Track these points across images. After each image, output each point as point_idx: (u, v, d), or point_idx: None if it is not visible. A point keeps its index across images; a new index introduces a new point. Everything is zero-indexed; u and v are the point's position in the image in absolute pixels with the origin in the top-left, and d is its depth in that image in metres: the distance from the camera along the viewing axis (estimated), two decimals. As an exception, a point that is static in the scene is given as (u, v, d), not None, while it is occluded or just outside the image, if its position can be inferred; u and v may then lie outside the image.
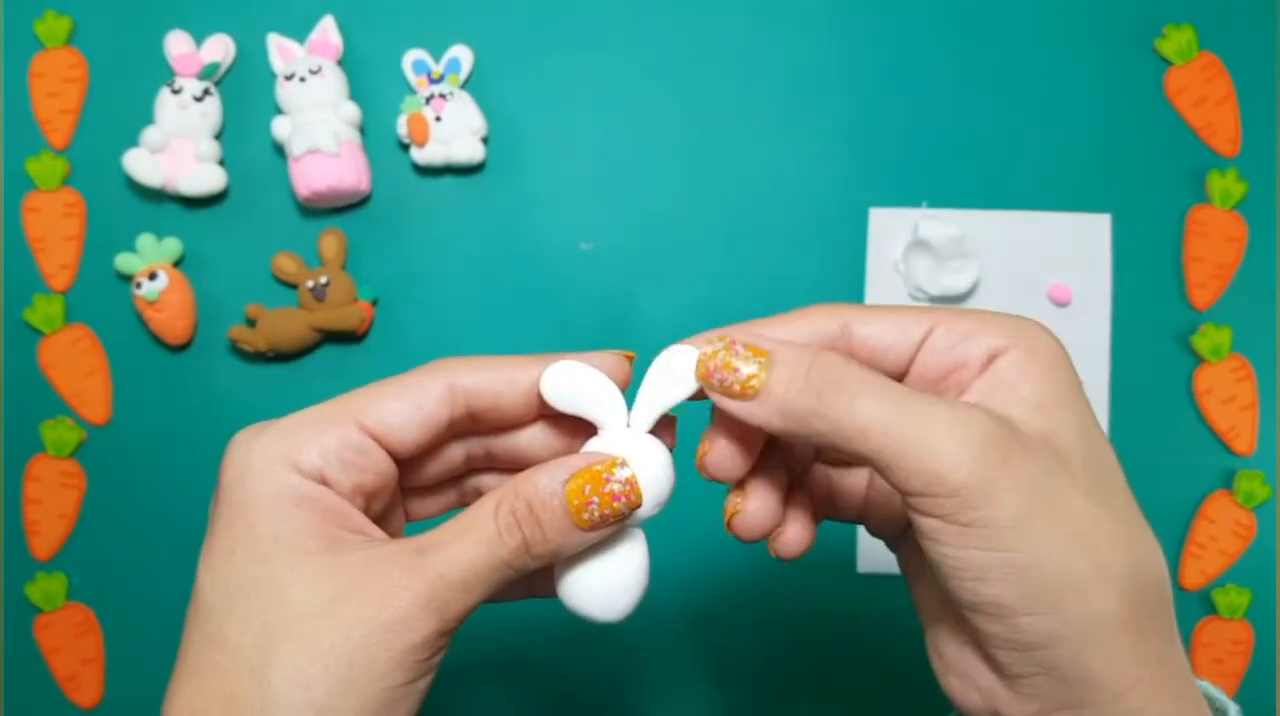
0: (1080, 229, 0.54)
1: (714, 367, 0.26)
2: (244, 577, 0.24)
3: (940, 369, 0.27)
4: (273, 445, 0.26)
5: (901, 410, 0.24)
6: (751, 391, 0.25)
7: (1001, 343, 0.26)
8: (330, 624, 0.24)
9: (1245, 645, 0.53)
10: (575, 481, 0.26)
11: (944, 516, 0.23)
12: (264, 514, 0.25)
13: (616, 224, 0.55)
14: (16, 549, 0.54)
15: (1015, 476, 0.23)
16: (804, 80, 0.55)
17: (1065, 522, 0.23)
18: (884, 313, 0.28)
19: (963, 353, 0.26)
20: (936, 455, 0.23)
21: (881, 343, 0.27)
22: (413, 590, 0.24)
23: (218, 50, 0.54)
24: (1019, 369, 0.26)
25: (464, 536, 0.25)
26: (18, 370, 0.54)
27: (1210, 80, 0.54)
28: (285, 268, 0.53)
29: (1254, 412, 0.53)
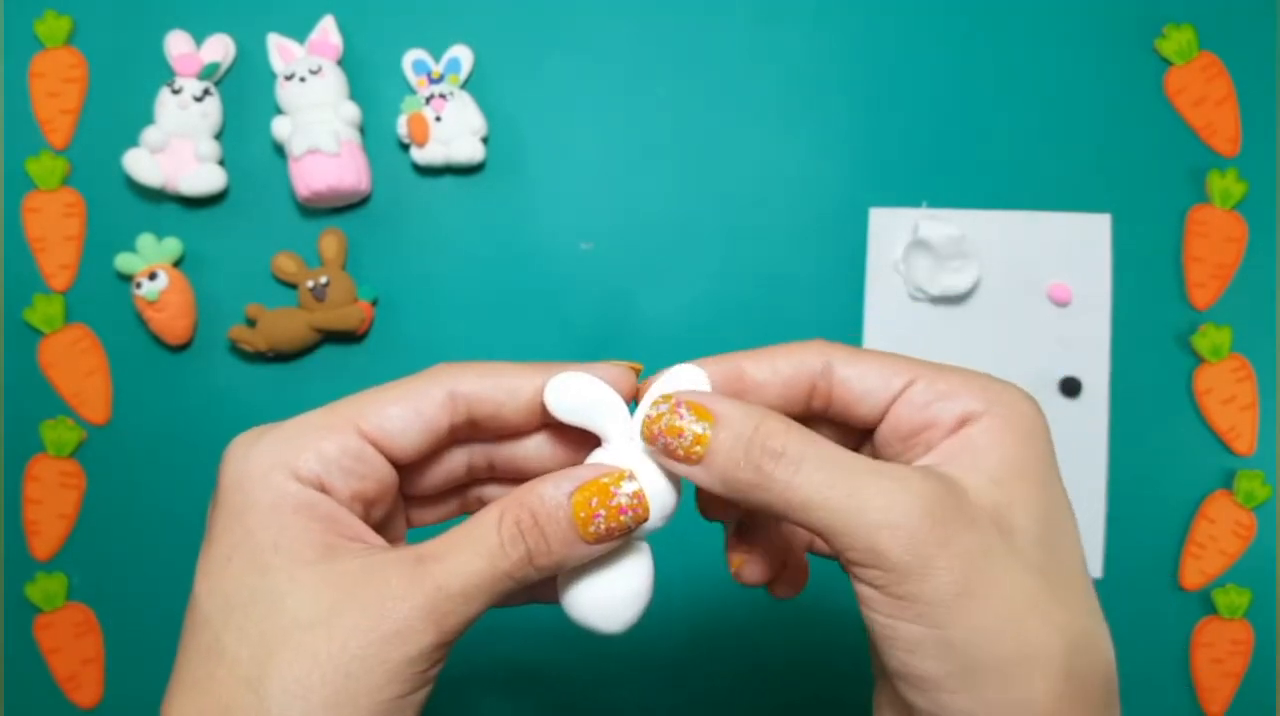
0: (1080, 229, 0.54)
1: (658, 431, 0.25)
2: (241, 587, 0.24)
3: (912, 424, 0.27)
4: (271, 451, 0.25)
5: (842, 482, 0.24)
6: (695, 457, 0.25)
7: (977, 407, 0.26)
8: (328, 634, 0.23)
9: (1245, 645, 0.53)
10: (581, 494, 0.25)
11: (879, 587, 0.24)
12: (262, 521, 0.24)
13: (616, 224, 0.55)
14: (16, 549, 0.54)
15: (952, 553, 0.23)
16: (804, 80, 0.55)
17: (999, 603, 0.23)
18: (869, 358, 0.28)
19: (936, 412, 0.26)
20: (874, 529, 0.23)
21: (860, 387, 0.27)
22: (412, 601, 0.24)
23: (218, 50, 0.54)
24: (988, 437, 0.25)
25: (466, 547, 0.25)
26: (18, 370, 0.54)
27: (1210, 80, 0.54)
28: (285, 268, 0.53)
29: (1254, 413, 0.53)
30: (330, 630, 0.23)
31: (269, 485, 0.25)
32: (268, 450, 0.25)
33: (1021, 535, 0.24)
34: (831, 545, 0.24)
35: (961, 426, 0.26)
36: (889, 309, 0.54)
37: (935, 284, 0.53)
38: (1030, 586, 0.24)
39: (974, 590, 0.23)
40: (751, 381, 0.28)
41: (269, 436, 0.26)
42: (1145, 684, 0.53)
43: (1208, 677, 0.53)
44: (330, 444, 0.26)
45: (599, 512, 0.25)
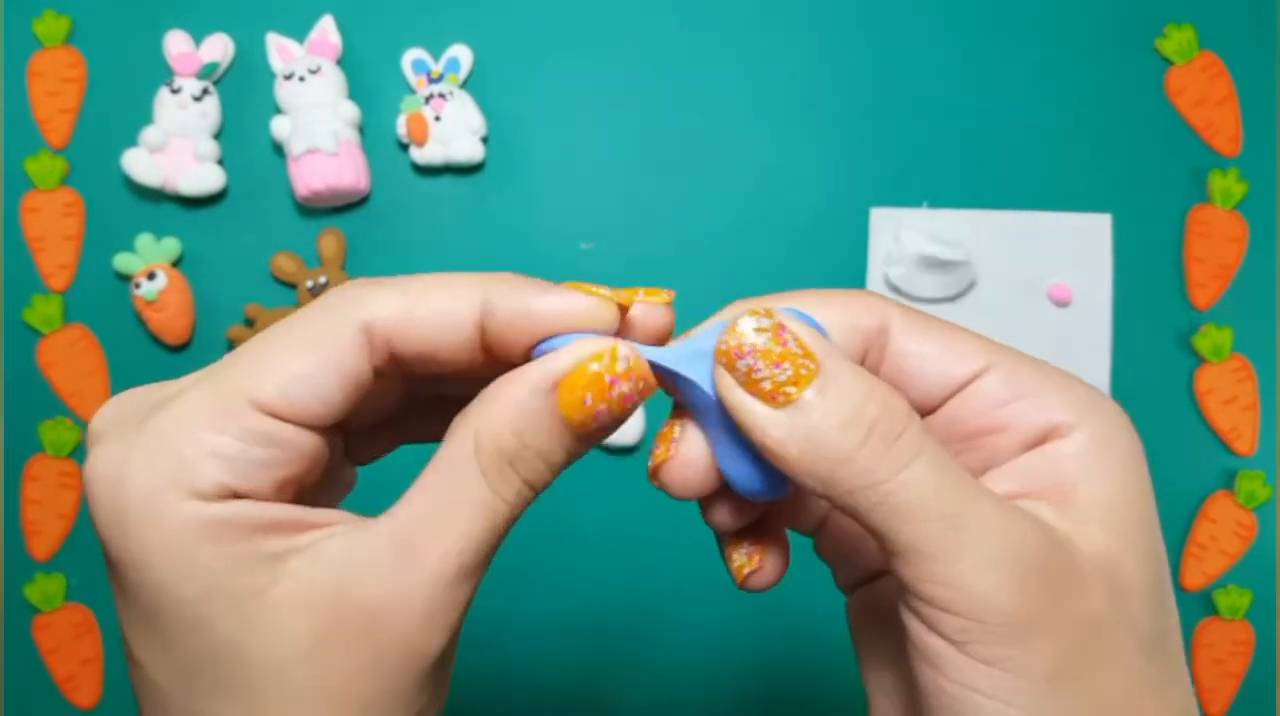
0: (1081, 229, 0.54)
1: (748, 349, 0.19)
2: (187, 652, 0.19)
3: (978, 425, 0.21)
4: (150, 469, 0.18)
5: (954, 492, 0.18)
6: (784, 398, 0.19)
7: (1067, 417, 0.20)
8: (321, 672, 0.19)
9: (1246, 645, 0.53)
10: (568, 391, 0.19)
11: (959, 643, 0.18)
12: (175, 569, 0.18)
13: (616, 224, 0.55)
14: (15, 549, 0.54)
15: (1063, 618, 0.18)
16: (804, 80, 0.55)
17: (1106, 692, 0.18)
18: (934, 329, 0.21)
19: (1012, 414, 0.21)
20: (976, 565, 0.18)
21: (918, 365, 0.21)
22: (411, 608, 0.19)
23: (217, 50, 0.54)
24: (1085, 461, 0.20)
25: (453, 513, 0.19)
26: (17, 370, 0.54)
27: (1211, 80, 0.54)
28: (284, 267, 0.53)
29: (1255, 413, 0.53)
30: (322, 667, 0.19)
31: (161, 519, 0.18)
32: (145, 468, 0.18)
33: (1135, 601, 0.19)
34: (908, 568, 0.19)
35: (1046, 440, 0.20)
36: (889, 309, 0.54)
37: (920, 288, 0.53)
38: (1142, 671, 0.19)
39: (1079, 671, 0.18)
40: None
41: (141, 446, 0.19)
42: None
43: (1209, 678, 0.53)
44: (226, 438, 0.19)
45: (599, 409, 0.20)
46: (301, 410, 0.19)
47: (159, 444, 0.19)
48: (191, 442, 0.19)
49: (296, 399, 0.19)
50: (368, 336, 0.20)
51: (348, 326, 0.20)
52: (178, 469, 0.18)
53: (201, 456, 0.19)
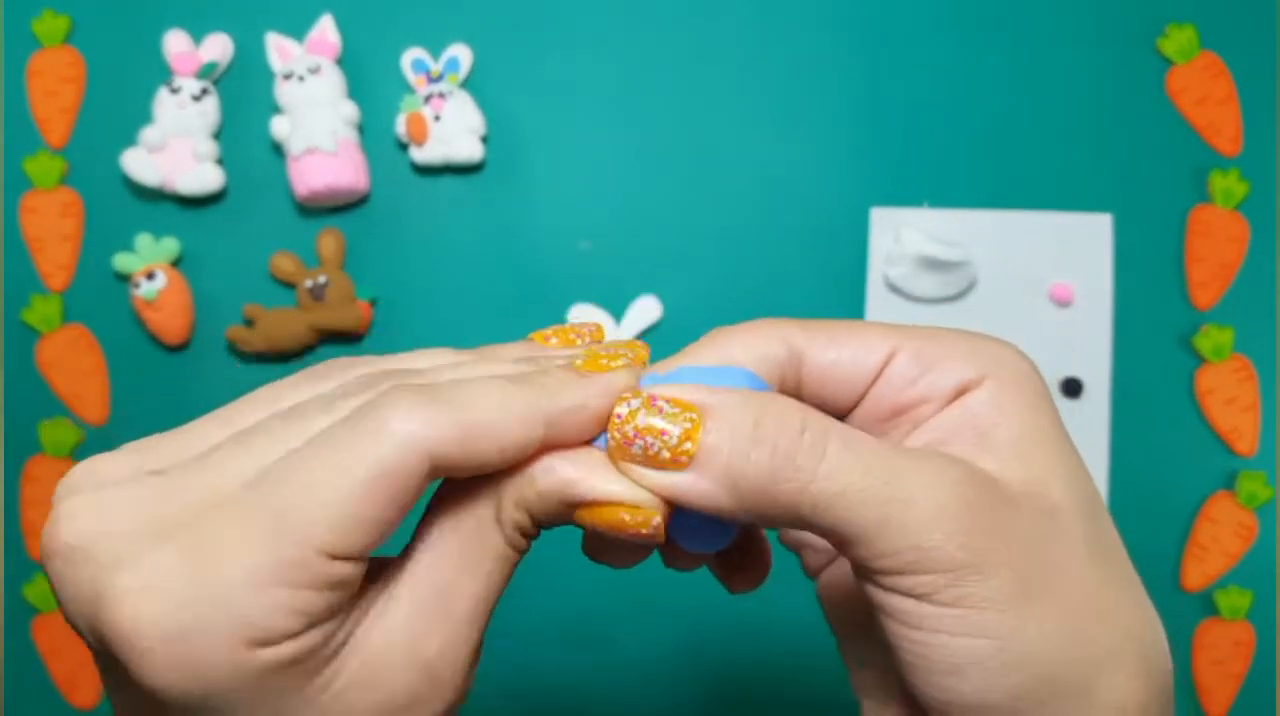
0: (1082, 228, 0.54)
1: (632, 433, 0.20)
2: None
3: (898, 403, 0.22)
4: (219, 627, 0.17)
5: (878, 467, 0.19)
6: (685, 457, 0.20)
7: (972, 374, 0.21)
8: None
9: (1247, 646, 0.52)
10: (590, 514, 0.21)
11: (922, 596, 0.19)
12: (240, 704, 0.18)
13: (616, 224, 0.54)
14: (15, 550, 0.54)
15: (1008, 545, 0.19)
16: (804, 80, 0.55)
17: (1065, 600, 0.19)
18: (838, 333, 0.22)
19: (927, 386, 0.22)
20: (920, 525, 0.19)
21: (834, 371, 0.22)
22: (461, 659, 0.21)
23: (216, 49, 0.54)
24: (995, 405, 0.21)
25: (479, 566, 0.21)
26: (16, 370, 0.54)
27: (1212, 79, 0.54)
28: (283, 267, 0.53)
29: (1256, 413, 0.53)
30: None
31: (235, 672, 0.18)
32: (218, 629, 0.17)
33: (1066, 516, 0.20)
34: (855, 551, 0.20)
35: (959, 396, 0.22)
36: (890, 309, 0.54)
37: (919, 288, 0.53)
38: (1089, 578, 0.20)
39: (1035, 587, 0.19)
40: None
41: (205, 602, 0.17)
42: (1146, 685, 0.53)
43: (1209, 679, 0.53)
44: (301, 593, 0.18)
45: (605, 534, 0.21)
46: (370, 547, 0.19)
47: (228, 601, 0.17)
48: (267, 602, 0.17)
49: (369, 541, 0.19)
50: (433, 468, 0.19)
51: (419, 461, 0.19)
52: (252, 627, 0.17)
53: (275, 615, 0.18)
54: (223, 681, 0.17)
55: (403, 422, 0.18)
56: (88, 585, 0.18)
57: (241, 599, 0.17)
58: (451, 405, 0.19)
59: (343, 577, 0.18)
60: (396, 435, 0.18)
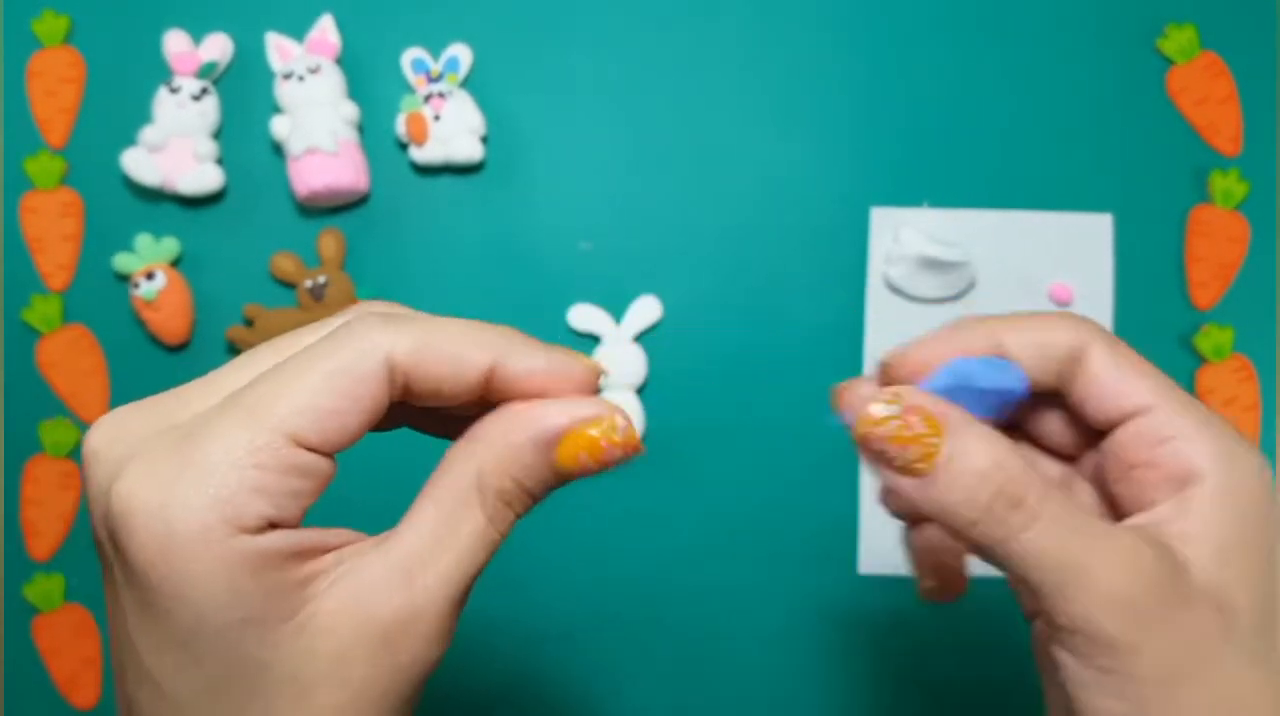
0: (1081, 229, 0.54)
1: (877, 436, 0.23)
2: (217, 671, 0.20)
3: (1135, 458, 0.25)
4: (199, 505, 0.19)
5: (1072, 542, 0.22)
6: (914, 473, 0.23)
7: (1203, 465, 0.24)
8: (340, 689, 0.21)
9: (1247, 646, 0.52)
10: (567, 447, 0.22)
11: (1082, 657, 0.22)
12: (212, 597, 0.19)
13: (616, 224, 0.54)
14: (14, 549, 0.54)
15: (1170, 634, 0.22)
16: (804, 80, 0.55)
17: (1212, 691, 0.22)
18: (1122, 358, 0.25)
19: (1162, 454, 0.24)
20: (1090, 600, 0.22)
21: (1100, 392, 0.25)
22: (423, 630, 0.21)
23: (216, 49, 0.54)
24: (1212, 503, 0.23)
25: (453, 540, 0.22)
26: (15, 370, 0.54)
27: (1212, 79, 0.54)
28: (283, 267, 0.53)
29: (1256, 413, 0.53)
30: (340, 685, 0.21)
31: (210, 553, 0.19)
32: (194, 503, 0.19)
33: (1242, 619, 0.23)
34: (1040, 604, 0.23)
35: (1184, 484, 0.24)
36: (890, 308, 0.54)
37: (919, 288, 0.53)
38: (1248, 677, 0.22)
39: (1186, 674, 0.22)
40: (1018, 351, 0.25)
41: (187, 479, 0.19)
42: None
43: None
44: (270, 474, 0.20)
45: (588, 464, 0.23)
46: (333, 442, 0.21)
47: (205, 478, 0.19)
48: (238, 478, 0.20)
49: (330, 433, 0.21)
50: (390, 373, 0.21)
51: (373, 363, 0.21)
52: (226, 504, 0.19)
53: (248, 492, 0.20)
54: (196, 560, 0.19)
55: (364, 331, 0.21)
56: (103, 481, 0.21)
57: (216, 476, 0.19)
58: (414, 324, 0.22)
59: (307, 465, 0.21)
60: (356, 340, 0.21)
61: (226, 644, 0.20)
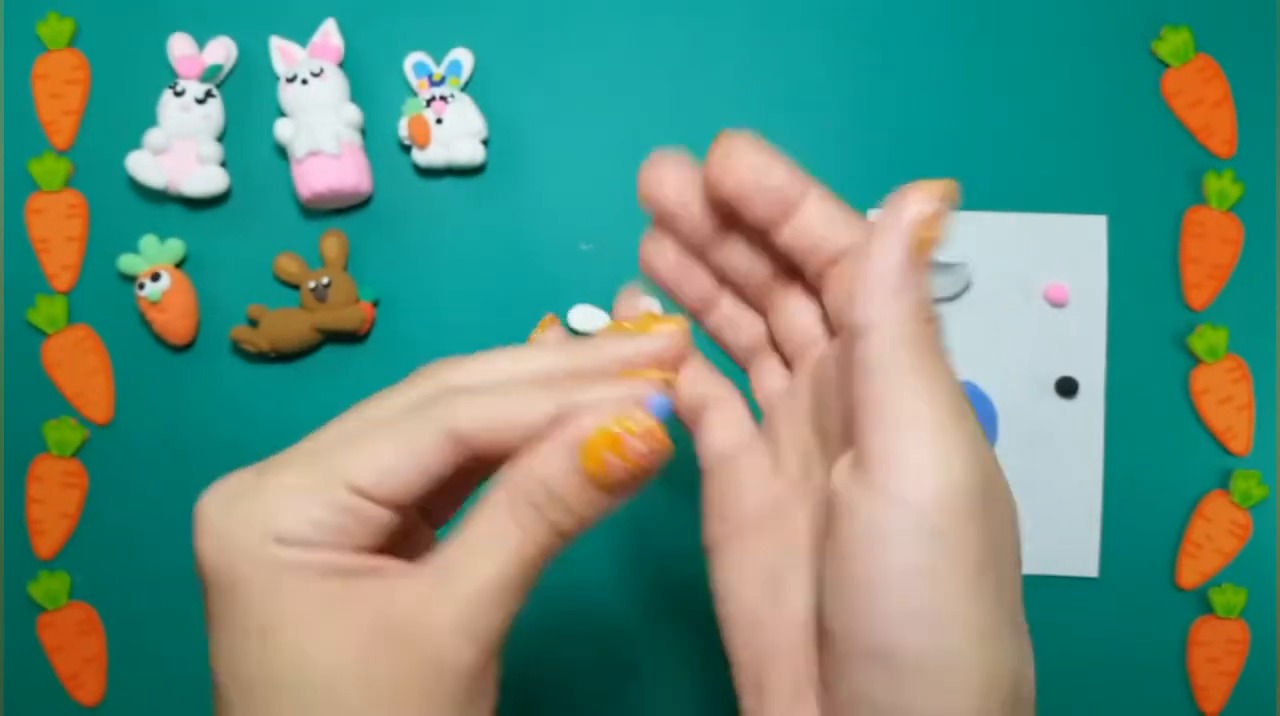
0: (1077, 230, 0.54)
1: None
2: (257, 668, 0.22)
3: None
4: (251, 520, 0.22)
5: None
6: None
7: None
8: (363, 688, 0.22)
9: (1242, 644, 0.53)
10: (591, 449, 0.23)
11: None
12: (259, 596, 0.22)
13: (616, 225, 0.55)
14: (19, 548, 0.54)
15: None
16: (803, 81, 0.55)
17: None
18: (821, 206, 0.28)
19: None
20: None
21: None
22: (442, 624, 0.22)
23: (220, 53, 0.55)
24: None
25: (485, 546, 0.23)
26: (21, 370, 0.55)
27: (1207, 82, 0.54)
28: (287, 268, 0.54)
29: (1250, 413, 0.53)
30: (364, 683, 0.22)
31: (255, 557, 0.22)
32: (246, 519, 0.22)
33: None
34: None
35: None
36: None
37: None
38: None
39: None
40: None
41: (244, 502, 0.23)
42: (1141, 683, 0.53)
43: (1204, 676, 0.53)
44: (319, 509, 0.22)
45: (615, 465, 0.23)
46: (388, 496, 0.23)
47: (261, 505, 0.22)
48: (291, 506, 0.22)
49: (386, 487, 0.23)
50: (454, 442, 0.23)
51: (438, 433, 0.23)
52: (274, 522, 0.22)
53: (296, 517, 0.22)
54: (241, 560, 0.22)
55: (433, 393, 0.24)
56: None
57: (273, 500, 0.22)
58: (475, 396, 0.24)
59: (359, 509, 0.23)
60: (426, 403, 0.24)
61: (267, 639, 0.22)
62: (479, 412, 0.23)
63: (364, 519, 0.23)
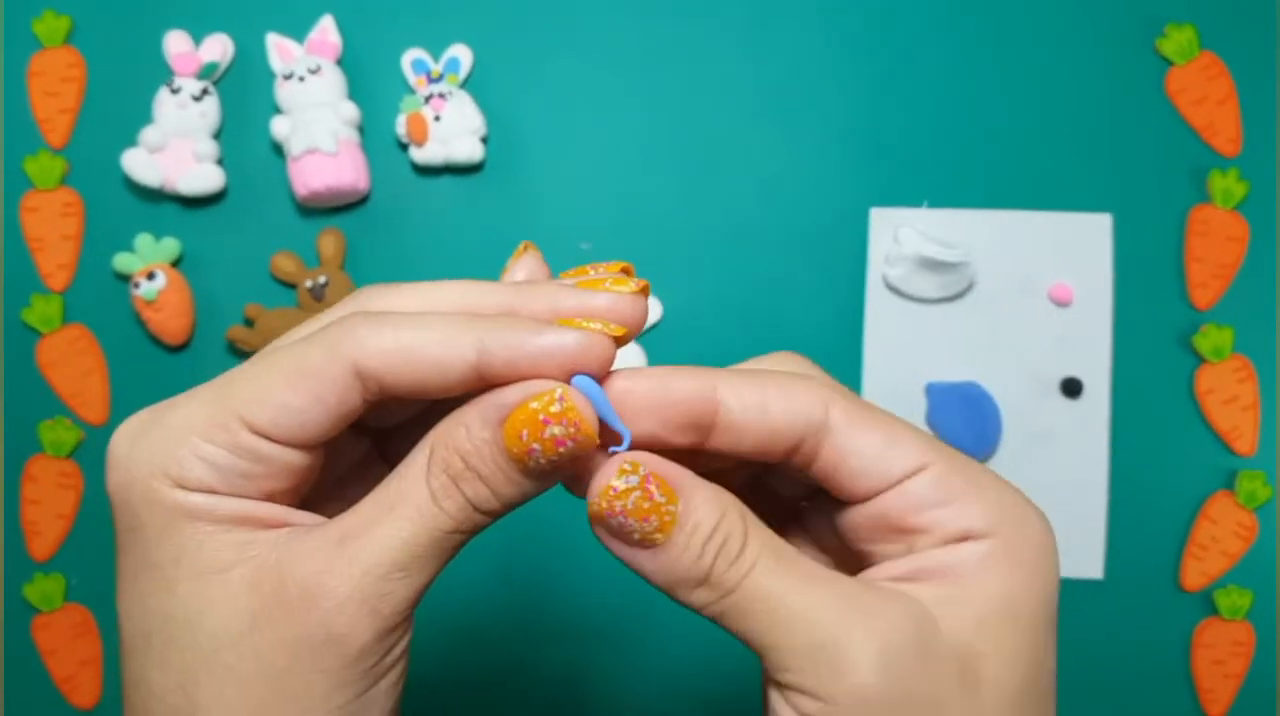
0: (1081, 229, 0.54)
1: (618, 509, 0.21)
2: (152, 612, 0.21)
3: (904, 523, 0.22)
4: (149, 457, 0.21)
5: (798, 598, 0.21)
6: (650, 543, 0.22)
7: (979, 525, 0.22)
8: (253, 651, 0.21)
9: (1247, 646, 0.52)
10: (511, 425, 0.21)
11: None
12: (156, 538, 0.21)
13: (616, 224, 0.55)
14: (15, 549, 0.54)
15: (908, 703, 0.20)
16: (804, 80, 0.55)
17: None
18: (875, 421, 0.22)
19: (935, 519, 0.22)
20: (819, 658, 0.20)
21: (859, 463, 0.22)
22: (338, 594, 0.21)
23: (216, 50, 0.54)
24: (984, 568, 0.21)
25: (392, 512, 0.21)
26: (16, 370, 0.54)
27: (1211, 80, 0.54)
28: (284, 267, 0.53)
29: (1255, 413, 0.53)
30: (254, 646, 0.21)
31: (153, 497, 0.21)
32: (145, 456, 0.21)
33: (990, 691, 0.21)
34: (769, 663, 0.21)
35: (961, 540, 0.22)
36: (889, 309, 0.54)
37: (918, 288, 0.53)
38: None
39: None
40: (728, 417, 0.22)
41: (146, 438, 0.22)
42: (1146, 685, 0.53)
43: (1209, 679, 0.53)
44: (216, 448, 0.21)
45: (533, 447, 0.21)
46: (288, 435, 0.21)
47: (160, 442, 0.21)
48: (186, 446, 0.21)
49: (284, 426, 0.21)
50: (357, 376, 0.21)
51: (338, 367, 0.21)
52: (173, 466, 0.21)
53: (192, 459, 0.21)
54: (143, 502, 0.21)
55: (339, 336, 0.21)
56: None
57: (171, 438, 0.21)
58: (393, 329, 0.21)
59: (259, 450, 0.21)
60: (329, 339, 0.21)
61: (163, 583, 0.21)
62: (385, 344, 0.21)
63: (265, 460, 0.21)
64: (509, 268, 0.26)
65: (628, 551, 0.22)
